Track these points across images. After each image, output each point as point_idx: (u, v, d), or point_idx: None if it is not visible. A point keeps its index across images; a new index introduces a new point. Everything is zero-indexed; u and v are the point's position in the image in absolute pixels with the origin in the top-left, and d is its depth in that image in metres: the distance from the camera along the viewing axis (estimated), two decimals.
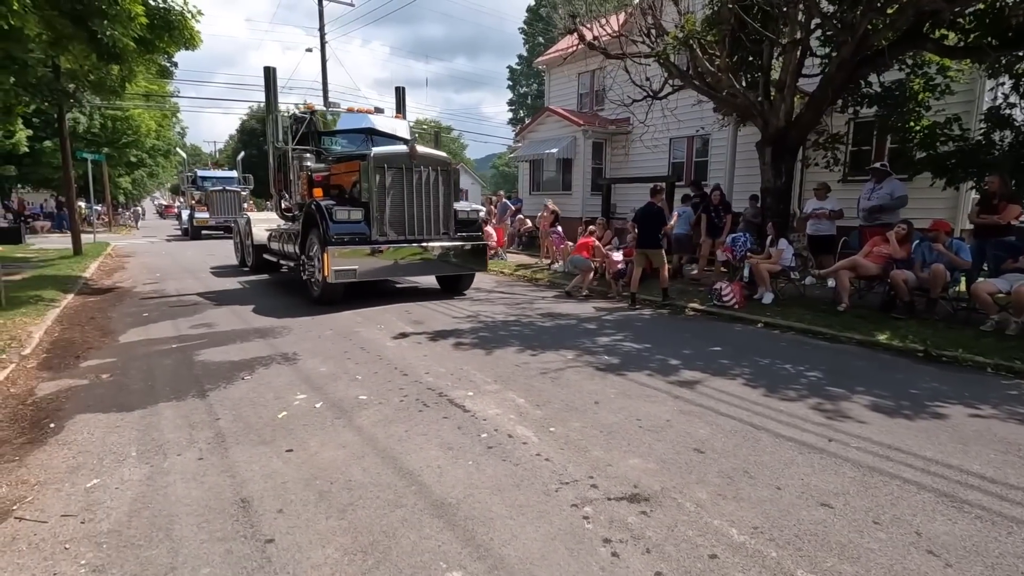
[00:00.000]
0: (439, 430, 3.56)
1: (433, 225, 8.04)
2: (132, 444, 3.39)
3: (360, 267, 7.38)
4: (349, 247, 7.36)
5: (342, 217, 7.36)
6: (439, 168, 8.01)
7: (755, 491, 2.79)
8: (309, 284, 8.01)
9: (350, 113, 9.61)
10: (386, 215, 7.65)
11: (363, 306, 7.78)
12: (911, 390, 4.39)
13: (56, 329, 6.45)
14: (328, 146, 9.05)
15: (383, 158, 7.63)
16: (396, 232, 7.76)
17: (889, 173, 8.09)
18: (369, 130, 9.26)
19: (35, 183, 26.37)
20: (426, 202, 7.92)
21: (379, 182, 7.56)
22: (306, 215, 7.84)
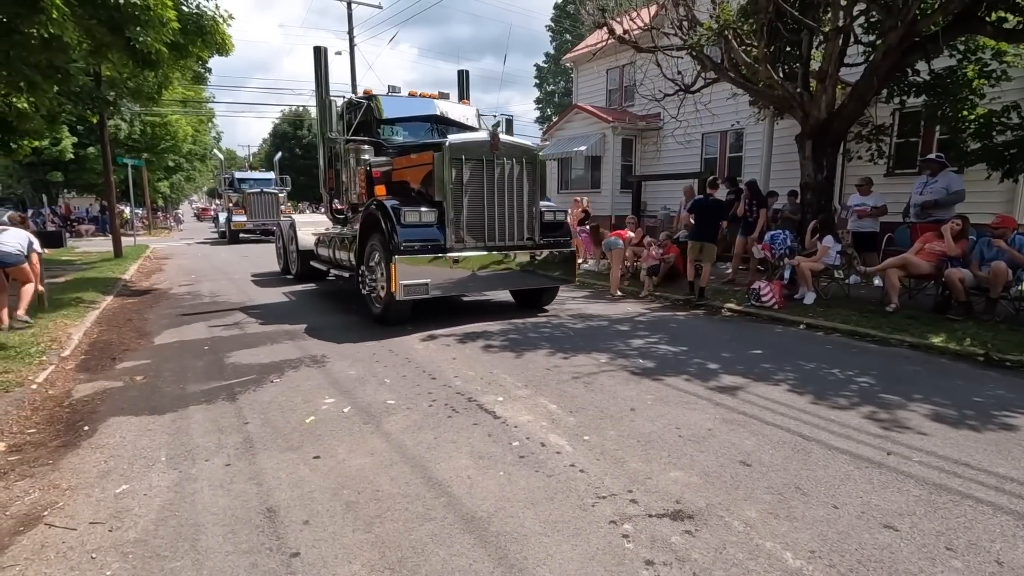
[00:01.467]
0: (469, 438, 3.44)
1: (516, 229, 6.67)
2: (162, 448, 3.37)
3: (433, 280, 6.12)
4: (421, 256, 6.08)
5: (412, 220, 6.09)
6: (524, 159, 6.62)
7: (809, 510, 2.58)
8: (369, 300, 6.77)
9: (412, 98, 8.35)
10: (463, 217, 6.33)
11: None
12: (974, 398, 4.07)
13: (95, 331, 6.59)
14: (388, 136, 7.88)
15: (461, 148, 6.28)
16: (474, 238, 6.44)
17: (946, 165, 7.62)
18: (435, 118, 8.13)
19: (80, 188, 27.43)
20: (508, 201, 6.55)
21: (455, 177, 6.23)
22: (365, 217, 6.66)
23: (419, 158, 6.77)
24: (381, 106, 7.89)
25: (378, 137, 7.77)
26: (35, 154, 22.35)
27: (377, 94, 8.06)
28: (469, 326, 6.57)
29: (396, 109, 8.02)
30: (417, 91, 8.58)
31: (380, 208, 6.31)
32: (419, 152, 6.82)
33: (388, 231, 6.08)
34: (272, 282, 10.64)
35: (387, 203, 6.27)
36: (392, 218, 6.09)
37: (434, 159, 6.27)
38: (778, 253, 8.11)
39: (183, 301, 8.62)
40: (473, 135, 6.89)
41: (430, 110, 8.19)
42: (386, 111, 7.88)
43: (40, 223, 20.90)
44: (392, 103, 8.06)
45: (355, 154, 7.48)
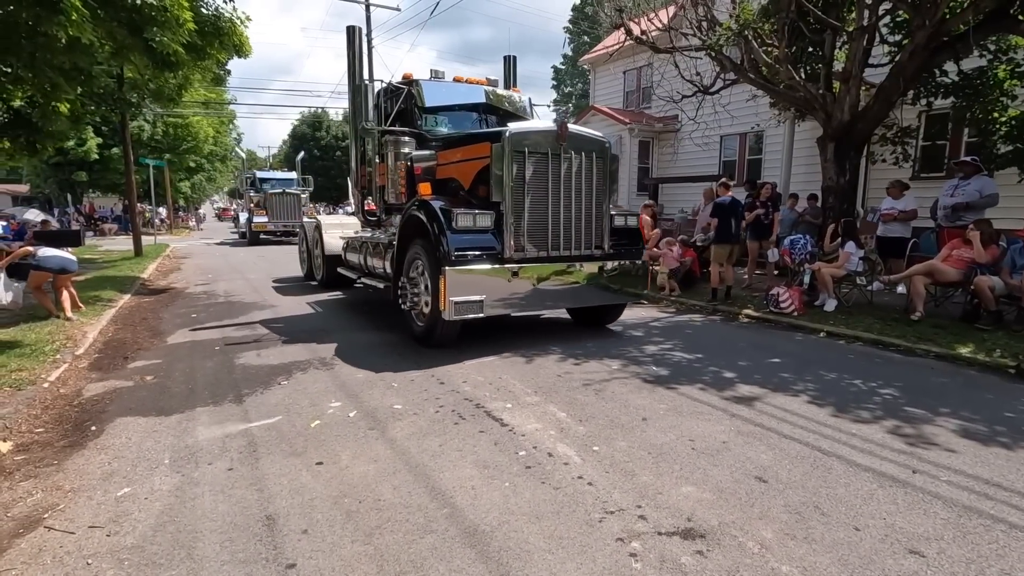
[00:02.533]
0: (475, 446, 3.36)
1: (583, 235, 5.66)
2: (166, 451, 3.34)
3: (488, 297, 5.13)
4: (475, 268, 5.08)
5: (465, 224, 5.12)
6: (594, 154, 5.63)
7: (829, 531, 2.45)
8: (409, 316, 5.79)
9: (458, 84, 7.36)
10: (524, 221, 5.34)
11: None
12: (1006, 413, 3.88)
13: (110, 329, 6.65)
14: (431, 127, 6.88)
15: (523, 138, 5.29)
16: (536, 246, 5.42)
17: (980, 168, 7.35)
18: (483, 106, 7.20)
19: (104, 188, 27.97)
20: (575, 202, 5.56)
21: (516, 173, 5.25)
22: (406, 220, 5.74)
23: (471, 151, 5.75)
24: (423, 93, 6.83)
25: (419, 128, 6.76)
26: (61, 154, 22.91)
27: (418, 79, 6.99)
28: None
29: (439, 96, 6.99)
30: (463, 76, 7.54)
31: (425, 209, 5.37)
32: (472, 144, 5.79)
33: (435, 237, 5.11)
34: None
35: (434, 204, 5.31)
36: (441, 221, 5.12)
37: (492, 152, 5.26)
38: (798, 258, 7.91)
39: (198, 301, 8.68)
40: (536, 124, 6.04)
41: (478, 98, 7.19)
42: (428, 98, 6.84)
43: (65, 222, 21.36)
44: (435, 89, 7.00)
45: (394, 147, 6.40)
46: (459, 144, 6.07)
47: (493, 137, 5.40)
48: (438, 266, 5.04)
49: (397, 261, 5.99)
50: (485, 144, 5.46)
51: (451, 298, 4.95)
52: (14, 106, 10.19)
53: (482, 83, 7.52)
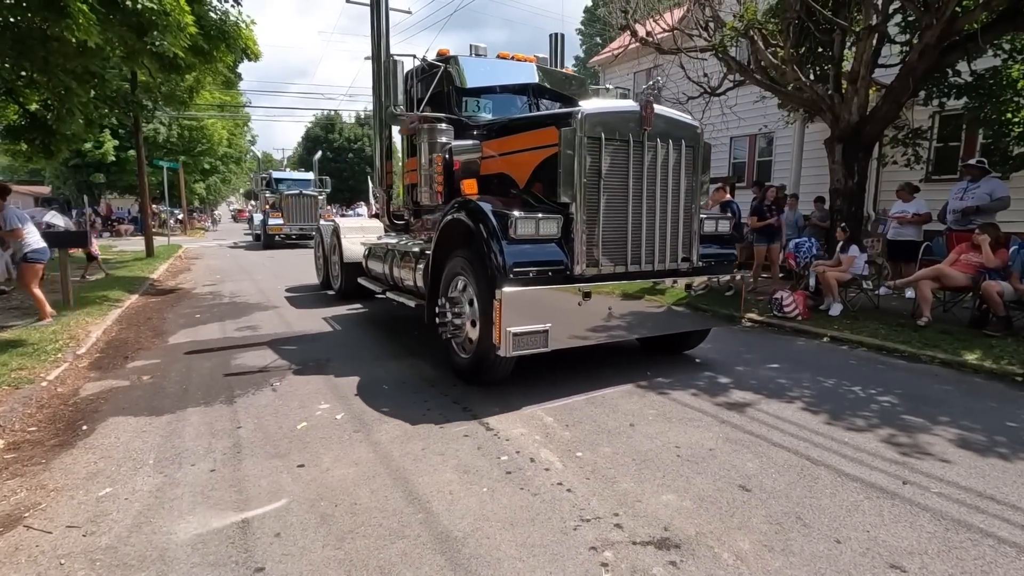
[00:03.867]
0: (457, 449, 3.34)
1: (670, 245, 4.59)
2: (152, 451, 3.37)
3: (555, 325, 3.98)
4: (539, 288, 3.97)
5: (526, 232, 4.00)
6: (683, 142, 4.55)
7: (809, 544, 2.39)
8: (449, 346, 4.68)
9: (503, 61, 6.18)
10: (599, 227, 4.23)
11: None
12: (1008, 422, 3.77)
13: (114, 329, 6.74)
14: (472, 112, 5.77)
15: (601, 121, 4.19)
16: (613, 258, 4.33)
17: (988, 171, 7.20)
18: (534, 88, 6.05)
19: (122, 189, 28.51)
20: (661, 203, 4.48)
21: (591, 166, 4.15)
22: (446, 226, 4.61)
23: (531, 139, 4.64)
24: (463, 72, 5.68)
25: (458, 113, 5.64)
26: (79, 156, 23.41)
27: (456, 55, 5.84)
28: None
29: (481, 75, 5.82)
30: (508, 53, 6.34)
31: (473, 212, 4.25)
32: (532, 130, 4.65)
33: (487, 248, 4.00)
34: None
35: (484, 205, 4.20)
36: (494, 228, 4.00)
37: (561, 139, 4.10)
38: (803, 261, 7.79)
39: (204, 301, 8.77)
40: (615, 103, 4.83)
41: (528, 77, 6.00)
42: (469, 78, 5.70)
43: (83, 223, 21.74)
44: (476, 68, 5.85)
45: (428, 137, 5.24)
46: (513, 131, 4.94)
47: (561, 120, 4.26)
48: (490, 286, 3.94)
49: (432, 276, 4.88)
50: (550, 130, 4.33)
51: (509, 328, 3.77)
52: (30, 109, 10.44)
53: (531, 60, 6.28)
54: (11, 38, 6.80)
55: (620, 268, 4.40)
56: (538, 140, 4.53)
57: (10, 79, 9.31)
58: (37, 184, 40.78)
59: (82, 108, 9.85)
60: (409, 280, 5.87)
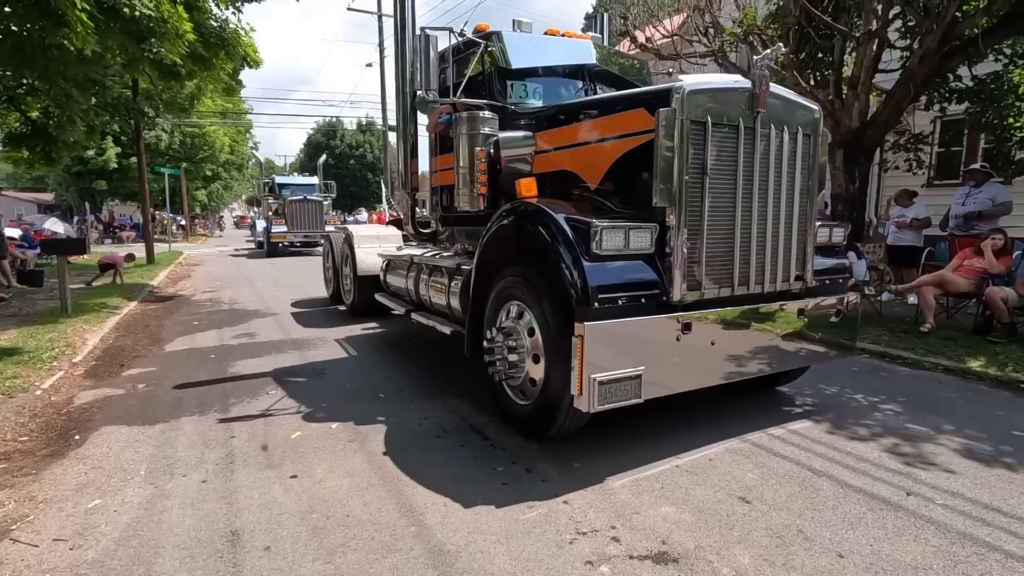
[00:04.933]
0: (453, 460, 3.29)
1: (782, 261, 3.63)
2: (144, 462, 3.32)
3: (649, 368, 3.07)
4: (631, 321, 3.06)
5: (613, 245, 3.14)
6: (800, 129, 3.60)
7: (811, 558, 2.33)
8: (500, 389, 3.74)
9: (552, 38, 5.21)
10: (703, 239, 3.29)
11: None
12: (1013, 431, 3.70)
13: (111, 336, 6.71)
14: (519, 98, 4.74)
15: (705, 100, 3.23)
16: (717, 279, 3.39)
17: (991, 175, 7.16)
18: (593, 70, 5.06)
19: (124, 196, 28.60)
20: (774, 207, 3.53)
21: (693, 159, 3.20)
22: (495, 236, 3.80)
23: (607, 126, 3.67)
24: (507, 50, 4.68)
25: (502, 99, 4.65)
26: (81, 163, 23.50)
27: (499, 31, 4.83)
28: None
29: (528, 55, 4.81)
30: (558, 30, 5.42)
31: (538, 218, 3.37)
32: (611, 114, 3.68)
33: (561, 265, 3.10)
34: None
35: (552, 210, 3.34)
36: (571, 240, 3.13)
37: (658, 123, 3.14)
38: None
39: (202, 307, 8.75)
40: (720, 78, 3.84)
41: (583, 57, 5.07)
42: (515, 58, 4.69)
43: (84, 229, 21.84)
44: (522, 46, 4.82)
45: (468, 126, 4.30)
46: (581, 117, 3.96)
47: (655, 99, 3.27)
48: (565, 316, 3.08)
49: (475, 298, 4.00)
50: (636, 113, 3.40)
51: (594, 376, 2.86)
52: (31, 117, 10.48)
53: (585, 38, 5.41)
54: (11, 46, 6.82)
55: (726, 291, 3.40)
56: (619, 127, 3.55)
57: (11, 87, 9.36)
58: (40, 191, 41.00)
59: (83, 115, 9.87)
60: (440, 300, 4.91)
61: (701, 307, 3.31)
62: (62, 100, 8.69)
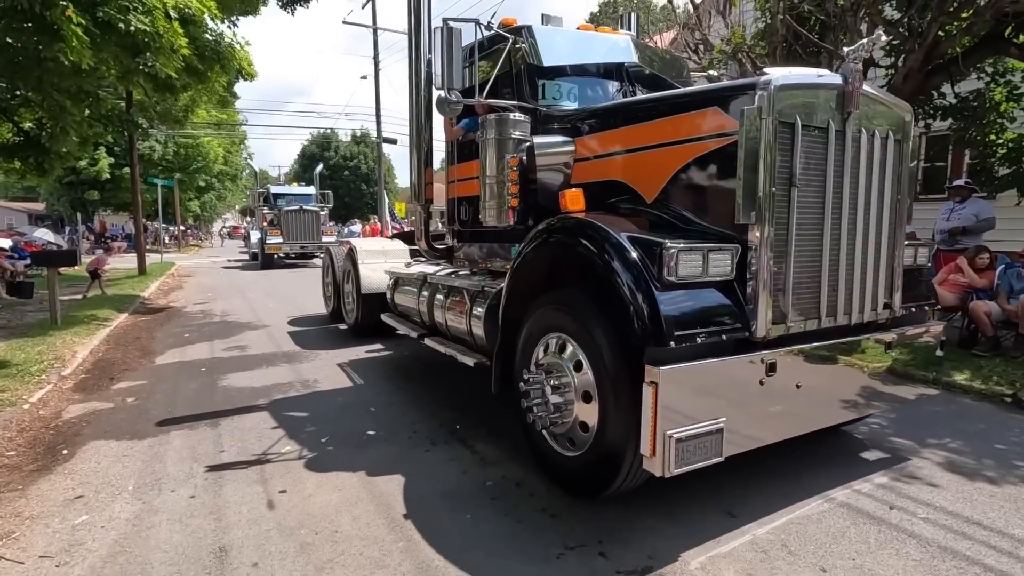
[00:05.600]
0: (443, 474, 3.30)
1: (872, 284, 3.20)
2: (132, 477, 3.31)
3: (731, 419, 2.56)
4: (712, 363, 2.56)
5: (691, 270, 2.62)
6: (890, 133, 3.17)
7: (794, 572, 2.36)
8: (539, 437, 3.18)
9: (586, 33, 4.74)
10: (790, 261, 2.82)
11: None
12: (997, 445, 3.76)
13: (101, 349, 6.68)
14: (553, 99, 4.19)
15: (795, 97, 2.79)
16: (803, 309, 2.93)
17: (974, 191, 7.31)
18: (632, 70, 4.51)
19: (116, 206, 28.46)
20: (863, 224, 3.12)
21: (781, 167, 2.75)
22: (532, 256, 3.32)
23: (669, 128, 3.19)
24: (538, 46, 4.23)
25: (533, 100, 4.11)
26: (73, 173, 23.40)
27: (529, 25, 4.37)
28: None
29: (562, 52, 4.35)
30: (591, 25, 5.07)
31: (592, 237, 2.85)
32: (671, 115, 3.21)
33: (625, 294, 2.58)
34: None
35: (613, 229, 2.79)
36: (637, 263, 2.61)
37: (742, 125, 2.68)
38: None
39: (194, 319, 8.72)
40: (807, 72, 3.13)
41: (622, 56, 4.56)
42: (547, 55, 4.22)
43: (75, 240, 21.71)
44: (555, 41, 4.36)
45: (497, 130, 3.82)
46: (636, 118, 3.43)
47: (732, 96, 2.85)
48: (629, 355, 2.61)
49: (505, 326, 3.51)
50: (708, 113, 2.94)
51: (671, 432, 2.38)
52: (24, 128, 10.48)
53: (622, 35, 4.93)
54: (6, 59, 6.85)
55: (812, 323, 2.93)
56: (685, 129, 3.07)
57: (4, 98, 9.37)
58: (32, 201, 40.75)
59: (76, 127, 9.87)
60: (459, 325, 4.39)
61: (785, 343, 2.80)
62: (55, 111, 8.70)
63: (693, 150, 3.01)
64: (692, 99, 3.16)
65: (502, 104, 4.04)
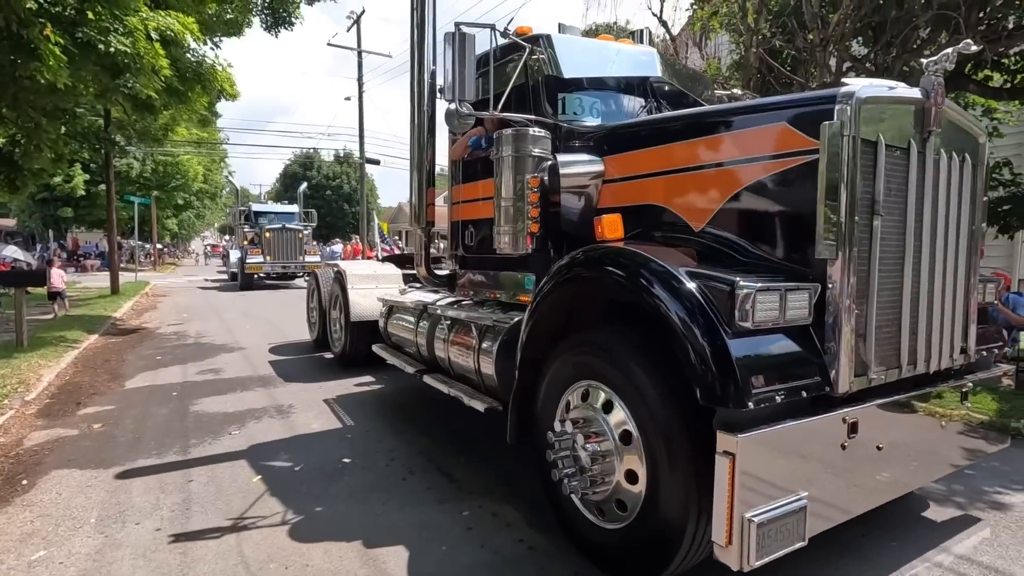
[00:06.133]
0: (419, 503, 3.25)
1: (950, 325, 2.84)
2: (95, 509, 3.19)
3: (813, 492, 2.14)
4: (794, 426, 2.14)
5: (767, 314, 2.17)
6: (966, 154, 2.85)
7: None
8: (570, 505, 2.68)
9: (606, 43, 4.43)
10: (871, 304, 2.42)
11: None
12: (965, 471, 3.81)
13: (69, 372, 6.48)
14: (573, 115, 3.79)
15: (879, 112, 2.45)
16: (884, 358, 2.53)
17: None
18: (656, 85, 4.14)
19: (91, 224, 27.94)
20: (943, 252, 2.75)
21: (863, 193, 2.37)
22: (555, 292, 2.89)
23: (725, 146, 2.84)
24: (557, 56, 3.84)
25: (552, 114, 3.71)
26: (47, 190, 22.95)
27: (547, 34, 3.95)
28: None
29: (583, 63, 3.99)
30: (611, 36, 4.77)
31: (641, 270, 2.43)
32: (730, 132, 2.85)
33: (683, 342, 2.17)
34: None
35: (668, 263, 2.38)
36: (702, 306, 2.20)
37: (823, 143, 2.33)
38: None
39: (168, 341, 8.53)
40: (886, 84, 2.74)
41: (647, 70, 4.23)
42: (567, 67, 3.84)
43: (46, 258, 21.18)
44: (575, 52, 3.98)
45: (514, 146, 3.45)
46: (678, 136, 3.05)
47: (803, 109, 2.52)
48: (690, 415, 2.21)
49: (524, 367, 3.06)
50: (776, 129, 2.57)
51: (750, 514, 1.99)
52: None
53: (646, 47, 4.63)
54: None
55: (893, 373, 2.55)
56: (746, 147, 2.71)
57: None
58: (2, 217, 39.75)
59: (51, 144, 9.72)
60: (465, 363, 3.92)
61: (861, 398, 2.39)
62: (30, 128, 8.58)
63: (754, 171, 2.64)
64: (753, 113, 2.80)
65: (518, 118, 3.61)
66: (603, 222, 3.00)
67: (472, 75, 3.42)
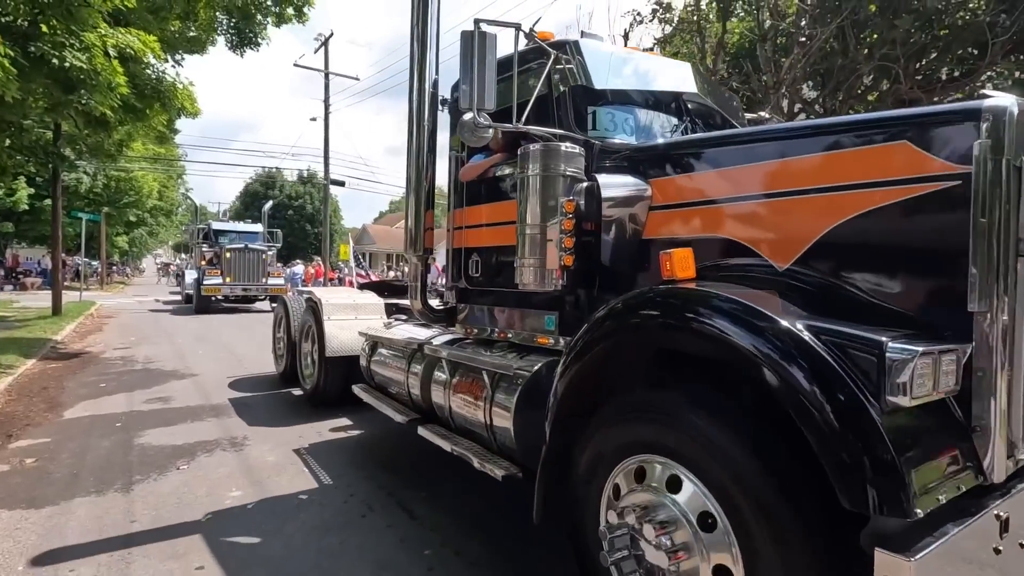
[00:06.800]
0: (378, 542, 3.14)
1: None
2: (24, 554, 2.96)
3: None
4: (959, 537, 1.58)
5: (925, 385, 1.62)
6: None
7: None
8: None
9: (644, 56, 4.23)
10: (1021, 367, 1.86)
11: None
12: None
13: (0, 401, 6.05)
14: (607, 131, 3.27)
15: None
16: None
17: None
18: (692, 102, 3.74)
19: (33, 240, 26.55)
20: None
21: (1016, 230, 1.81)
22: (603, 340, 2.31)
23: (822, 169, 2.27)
24: (586, 65, 3.38)
25: (581, 128, 3.23)
26: None
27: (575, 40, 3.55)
28: None
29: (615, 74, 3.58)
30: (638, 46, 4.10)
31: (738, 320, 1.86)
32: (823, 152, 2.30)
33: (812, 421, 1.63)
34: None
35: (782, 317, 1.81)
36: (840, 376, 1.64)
37: (978, 167, 1.78)
38: None
39: (112, 367, 8.10)
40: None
41: (682, 84, 3.84)
42: (598, 77, 3.39)
43: None
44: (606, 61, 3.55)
45: (542, 164, 2.93)
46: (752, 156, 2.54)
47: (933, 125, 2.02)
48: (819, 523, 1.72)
49: (556, 429, 2.48)
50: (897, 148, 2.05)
51: None
52: None
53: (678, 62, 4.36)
54: None
55: None
56: (851, 171, 2.17)
57: None
58: None
59: None
60: (473, 416, 3.33)
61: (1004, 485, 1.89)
62: None
63: (859, 200, 2.12)
64: (859, 131, 2.26)
65: (547, 133, 3.09)
66: (673, 257, 2.39)
67: (493, 81, 2.95)
